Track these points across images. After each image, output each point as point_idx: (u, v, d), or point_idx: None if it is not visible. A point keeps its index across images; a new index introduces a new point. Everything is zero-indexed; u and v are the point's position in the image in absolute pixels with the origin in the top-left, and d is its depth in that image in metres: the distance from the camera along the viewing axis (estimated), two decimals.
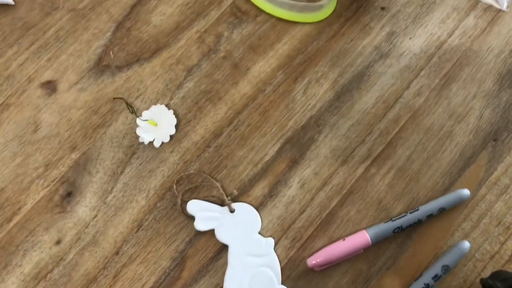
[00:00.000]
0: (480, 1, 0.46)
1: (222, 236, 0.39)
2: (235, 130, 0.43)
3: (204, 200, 0.40)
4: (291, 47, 0.45)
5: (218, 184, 0.41)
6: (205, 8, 0.46)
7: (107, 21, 0.46)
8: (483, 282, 0.37)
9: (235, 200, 0.41)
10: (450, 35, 0.45)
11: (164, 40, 0.45)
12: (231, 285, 0.38)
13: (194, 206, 0.40)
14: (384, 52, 0.45)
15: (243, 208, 0.40)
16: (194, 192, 0.41)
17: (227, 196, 0.40)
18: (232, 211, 0.40)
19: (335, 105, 0.43)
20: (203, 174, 0.41)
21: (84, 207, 0.40)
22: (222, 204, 0.40)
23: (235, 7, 0.46)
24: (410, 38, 0.45)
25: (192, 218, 0.40)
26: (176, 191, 0.40)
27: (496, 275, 0.37)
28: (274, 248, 0.39)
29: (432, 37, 0.45)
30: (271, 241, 0.39)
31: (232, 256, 0.39)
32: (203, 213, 0.40)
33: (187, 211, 0.40)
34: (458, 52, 0.45)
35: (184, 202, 0.40)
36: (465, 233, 0.40)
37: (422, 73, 0.44)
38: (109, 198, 0.41)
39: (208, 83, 0.44)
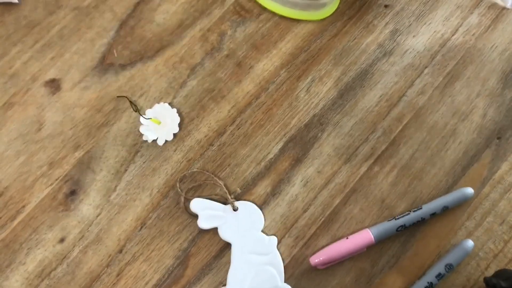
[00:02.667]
0: None
1: (225, 234, 0.39)
2: (238, 129, 0.43)
3: (207, 198, 0.40)
4: (294, 45, 0.45)
5: (221, 183, 0.41)
6: (208, 6, 0.46)
7: (111, 20, 0.46)
8: (487, 280, 0.37)
9: (238, 198, 0.41)
10: (453, 33, 0.45)
11: (167, 38, 0.45)
12: (234, 283, 0.38)
13: (198, 205, 0.40)
14: (388, 50, 0.45)
15: (246, 207, 0.40)
16: (198, 191, 0.41)
17: (230, 195, 0.40)
18: (235, 209, 0.40)
19: (339, 103, 0.43)
20: (206, 173, 0.41)
21: (87, 206, 0.41)
22: (225, 202, 0.40)
23: (238, 5, 0.46)
24: (413, 36, 0.45)
25: (195, 217, 0.40)
26: (179, 190, 0.40)
27: (500, 274, 0.37)
28: (277, 246, 0.39)
29: (436, 35, 0.45)
30: (274, 239, 0.39)
31: (235, 254, 0.39)
32: (207, 212, 0.40)
33: (190, 210, 0.40)
34: (462, 50, 0.45)
35: (188, 201, 0.40)
36: (468, 231, 0.40)
37: (426, 71, 0.44)
38: (112, 197, 0.41)
39: (211, 81, 0.44)
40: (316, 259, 0.38)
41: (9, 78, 0.44)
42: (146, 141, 0.42)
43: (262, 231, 0.40)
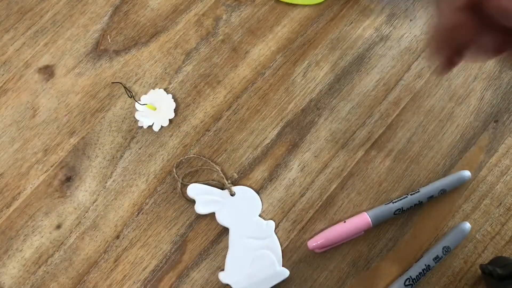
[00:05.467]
0: None
1: (222, 219, 0.39)
2: (235, 114, 0.42)
3: (204, 183, 0.40)
4: (290, 29, 0.44)
5: (218, 168, 0.40)
6: None
7: (104, 5, 0.45)
8: (483, 268, 0.37)
9: (235, 183, 0.40)
10: None
11: (162, 23, 0.45)
12: (232, 268, 0.38)
13: (194, 190, 0.40)
14: (385, 34, 0.44)
15: (243, 191, 0.40)
16: (194, 176, 0.41)
17: (227, 180, 0.40)
18: (232, 194, 0.40)
19: (335, 87, 0.43)
20: (203, 158, 0.41)
21: (83, 192, 0.40)
22: (222, 187, 0.40)
23: None
24: (410, 20, 0.45)
25: (192, 202, 0.40)
26: (176, 175, 0.40)
27: (496, 261, 0.37)
28: (274, 231, 0.39)
29: (433, 19, 0.45)
30: (271, 223, 0.39)
31: (233, 239, 0.39)
32: (204, 197, 0.40)
33: (187, 195, 0.40)
34: None
35: (184, 186, 0.40)
36: (466, 214, 0.40)
37: (423, 55, 0.44)
38: (108, 183, 0.41)
39: (206, 67, 0.44)
40: (314, 243, 0.38)
41: (2, 65, 0.44)
42: (142, 127, 0.42)
43: (260, 215, 0.40)
